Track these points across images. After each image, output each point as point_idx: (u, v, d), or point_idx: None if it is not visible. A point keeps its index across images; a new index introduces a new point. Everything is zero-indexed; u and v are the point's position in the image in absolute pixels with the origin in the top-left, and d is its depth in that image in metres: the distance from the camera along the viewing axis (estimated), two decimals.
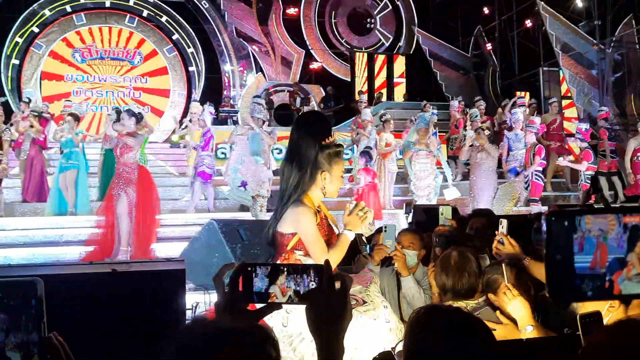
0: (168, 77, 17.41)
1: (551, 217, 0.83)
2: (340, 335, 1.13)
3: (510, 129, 10.16)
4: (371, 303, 2.52)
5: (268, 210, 7.56)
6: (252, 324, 1.07)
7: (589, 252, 0.82)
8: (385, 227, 2.99)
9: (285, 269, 1.16)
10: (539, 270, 2.31)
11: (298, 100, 16.27)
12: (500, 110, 12.73)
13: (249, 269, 1.15)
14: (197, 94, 16.96)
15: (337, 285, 1.15)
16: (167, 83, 17.39)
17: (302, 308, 1.15)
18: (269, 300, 1.15)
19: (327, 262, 1.17)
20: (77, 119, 9.26)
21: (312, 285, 1.14)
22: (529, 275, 2.40)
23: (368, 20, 18.43)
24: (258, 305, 1.18)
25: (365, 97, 13.65)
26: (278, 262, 2.61)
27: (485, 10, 17.01)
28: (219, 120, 14.86)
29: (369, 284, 2.67)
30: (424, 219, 5.26)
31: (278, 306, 1.16)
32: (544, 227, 0.84)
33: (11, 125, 9.96)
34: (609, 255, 0.82)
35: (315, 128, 2.51)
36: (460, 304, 2.42)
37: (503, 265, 2.35)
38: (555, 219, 0.83)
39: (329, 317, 1.13)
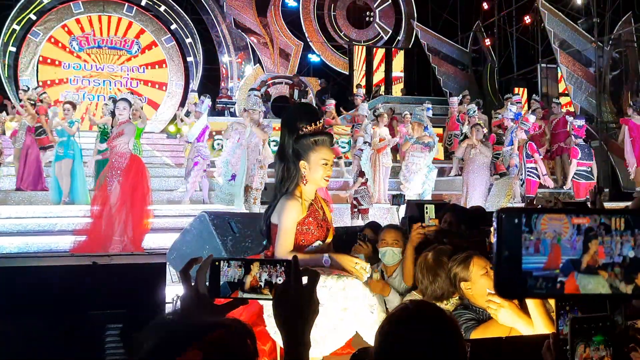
0: (166, 67, 17.36)
1: (502, 214, 0.85)
2: (306, 330, 1.15)
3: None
4: (358, 278, 2.45)
5: (263, 203, 7.55)
6: (230, 318, 1.08)
7: (543, 253, 0.84)
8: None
9: (257, 262, 1.17)
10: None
11: (296, 92, 16.25)
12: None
13: (217, 263, 1.16)
14: (195, 85, 16.92)
15: (305, 280, 1.16)
16: (164, 73, 17.34)
17: None
18: (242, 292, 1.16)
19: (295, 257, 1.18)
20: (74, 107, 9.24)
21: (280, 280, 1.15)
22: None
23: (367, 13, 18.38)
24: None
25: (362, 90, 13.61)
26: (269, 253, 2.61)
27: (485, 5, 16.98)
28: (216, 112, 14.84)
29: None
30: (417, 214, 5.28)
31: (244, 301, 1.18)
32: (495, 223, 0.85)
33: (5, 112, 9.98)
34: (562, 256, 0.84)
35: (289, 120, 2.57)
36: (439, 304, 2.43)
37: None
38: (506, 216, 0.84)
39: (296, 312, 1.14)
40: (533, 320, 1.93)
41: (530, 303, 1.91)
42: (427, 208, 3.01)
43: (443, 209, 4.21)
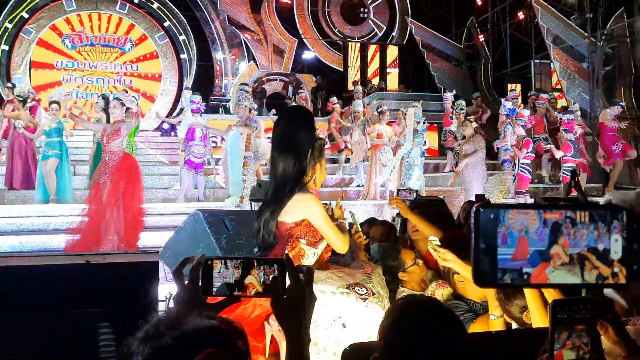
0: (159, 64, 17.30)
1: (479, 209, 0.90)
2: (306, 325, 1.16)
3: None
4: (379, 295, 2.45)
5: (253, 200, 7.50)
6: (220, 320, 1.08)
7: (511, 245, 0.88)
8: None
9: (255, 261, 1.17)
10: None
11: (290, 89, 16.24)
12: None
13: (209, 262, 1.16)
14: (188, 82, 16.87)
15: (301, 277, 1.17)
16: (158, 70, 17.28)
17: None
18: (239, 291, 1.16)
19: (287, 256, 1.19)
20: (60, 106, 9.15)
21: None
22: None
23: (361, 9, 18.37)
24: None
25: (360, 87, 13.62)
26: (284, 253, 2.55)
27: (479, 1, 17.00)
28: (210, 109, 14.81)
29: (372, 272, 2.60)
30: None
31: (237, 299, 1.18)
32: (473, 218, 0.90)
33: None
34: (529, 248, 0.88)
35: (311, 121, 2.59)
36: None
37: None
38: (483, 211, 0.89)
39: (294, 308, 1.15)
40: (530, 313, 1.95)
41: (528, 295, 1.93)
42: (353, 217, 2.92)
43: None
